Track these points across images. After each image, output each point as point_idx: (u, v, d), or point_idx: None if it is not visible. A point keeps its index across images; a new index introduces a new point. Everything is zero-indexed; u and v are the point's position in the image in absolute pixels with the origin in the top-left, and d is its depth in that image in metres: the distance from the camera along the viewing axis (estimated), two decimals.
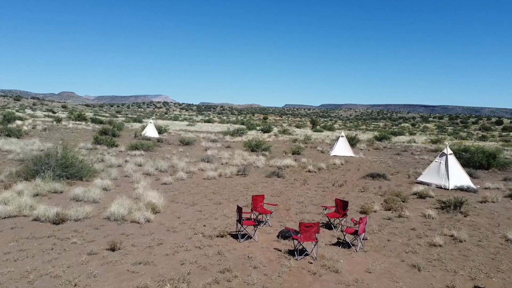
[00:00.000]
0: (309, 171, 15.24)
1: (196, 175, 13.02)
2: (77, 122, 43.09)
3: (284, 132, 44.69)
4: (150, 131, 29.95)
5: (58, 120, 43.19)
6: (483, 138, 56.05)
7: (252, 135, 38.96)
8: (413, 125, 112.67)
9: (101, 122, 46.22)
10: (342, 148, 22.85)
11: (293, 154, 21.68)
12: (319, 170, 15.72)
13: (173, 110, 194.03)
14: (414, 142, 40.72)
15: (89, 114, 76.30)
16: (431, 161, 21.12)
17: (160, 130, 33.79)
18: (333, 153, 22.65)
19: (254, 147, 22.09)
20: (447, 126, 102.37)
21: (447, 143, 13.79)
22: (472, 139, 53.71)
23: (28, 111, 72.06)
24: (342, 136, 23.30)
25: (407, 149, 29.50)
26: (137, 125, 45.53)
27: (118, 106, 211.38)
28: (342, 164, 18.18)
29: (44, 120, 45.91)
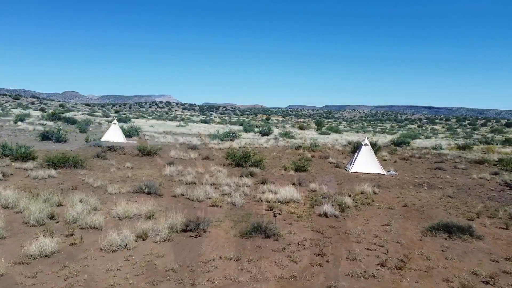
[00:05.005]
0: (326, 214, 8.45)
1: (93, 236, 6.27)
2: (42, 123, 36.55)
3: (286, 135, 37.87)
4: (113, 135, 23.32)
5: (21, 119, 36.89)
6: (507, 143, 49.20)
7: (248, 138, 32.26)
8: (419, 126, 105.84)
9: (74, 122, 40.08)
10: (366, 162, 16.05)
11: (296, 170, 14.94)
12: (341, 210, 8.94)
13: (175, 110, 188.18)
14: (441, 148, 33.76)
15: (78, 113, 70.22)
16: (498, 183, 14.07)
17: (130, 133, 27.18)
18: (353, 169, 15.88)
19: (239, 160, 15.34)
20: (456, 128, 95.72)
21: None
22: (497, 144, 46.77)
23: (18, 110, 66.01)
24: (366, 145, 16.47)
25: (443, 160, 22.68)
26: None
27: (120, 106, 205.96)
28: (374, 193, 11.38)
29: (6, 119, 39.62)
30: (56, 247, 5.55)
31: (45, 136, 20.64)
